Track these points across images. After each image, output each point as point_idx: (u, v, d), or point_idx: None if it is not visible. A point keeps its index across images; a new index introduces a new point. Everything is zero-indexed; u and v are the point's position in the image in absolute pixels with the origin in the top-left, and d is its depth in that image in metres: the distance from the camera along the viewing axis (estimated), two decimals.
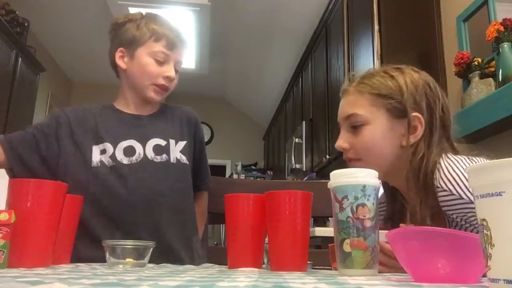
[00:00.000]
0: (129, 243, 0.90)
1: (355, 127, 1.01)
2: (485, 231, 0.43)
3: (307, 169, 3.95)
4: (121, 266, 0.86)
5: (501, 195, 0.41)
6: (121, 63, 1.27)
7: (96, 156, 1.20)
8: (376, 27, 2.58)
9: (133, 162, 1.21)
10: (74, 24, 4.77)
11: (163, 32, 1.25)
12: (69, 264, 0.90)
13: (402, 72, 1.01)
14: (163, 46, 1.25)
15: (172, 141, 1.26)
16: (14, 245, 0.71)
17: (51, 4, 4.41)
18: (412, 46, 2.59)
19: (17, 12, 4.10)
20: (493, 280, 0.42)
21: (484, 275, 0.50)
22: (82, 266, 0.86)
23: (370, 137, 0.99)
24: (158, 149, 1.24)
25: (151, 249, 0.91)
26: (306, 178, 4.02)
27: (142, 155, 1.22)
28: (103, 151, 1.21)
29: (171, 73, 1.25)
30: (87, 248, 1.09)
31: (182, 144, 1.28)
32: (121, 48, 1.27)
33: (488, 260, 0.42)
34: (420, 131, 0.97)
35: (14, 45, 3.95)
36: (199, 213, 1.37)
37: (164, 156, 1.24)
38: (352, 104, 1.02)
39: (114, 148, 1.21)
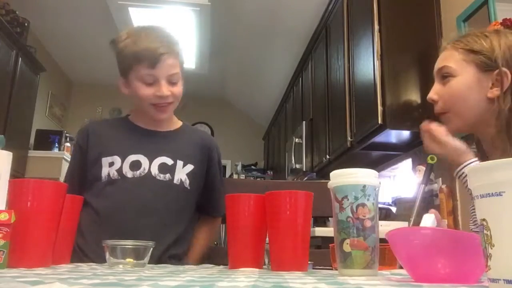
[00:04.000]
0: (129, 243, 0.91)
1: (445, 80, 1.09)
2: (485, 231, 0.42)
3: (307, 169, 3.95)
4: (121, 266, 0.86)
5: (501, 195, 0.41)
6: (124, 91, 1.28)
7: (105, 170, 1.22)
8: (376, 27, 2.58)
9: (135, 176, 1.22)
10: (74, 24, 4.76)
11: (142, 51, 1.19)
12: (69, 264, 0.90)
13: (498, 33, 1.08)
14: (146, 67, 1.20)
15: (179, 162, 1.26)
16: (14, 245, 0.71)
17: (51, 4, 4.41)
18: (412, 46, 2.59)
19: (17, 12, 4.10)
20: (493, 280, 0.42)
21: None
22: (82, 266, 0.86)
23: (456, 86, 1.07)
24: (163, 168, 1.24)
25: (151, 249, 0.91)
26: (306, 178, 4.02)
27: (146, 170, 1.23)
28: (111, 164, 1.22)
29: (162, 91, 1.21)
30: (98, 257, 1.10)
31: (190, 167, 1.28)
32: (121, 77, 1.27)
33: (488, 260, 0.42)
34: (506, 84, 1.02)
35: (14, 45, 3.95)
36: (204, 237, 1.37)
37: (168, 175, 1.24)
38: (445, 58, 1.10)
39: (122, 161, 1.22)
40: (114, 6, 3.94)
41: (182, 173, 1.26)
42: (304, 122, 4.05)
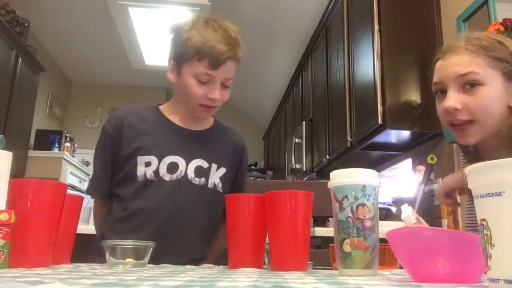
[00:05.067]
0: (129, 243, 0.91)
1: (469, 87, 0.99)
2: (485, 231, 0.42)
3: (307, 169, 3.95)
4: (121, 266, 0.86)
5: (501, 195, 0.41)
6: (170, 76, 1.22)
7: (140, 169, 1.18)
8: (376, 27, 2.58)
9: (173, 179, 1.19)
10: (74, 24, 4.76)
11: (206, 49, 1.13)
12: (69, 264, 0.90)
13: (505, 39, 1.03)
14: (205, 67, 1.14)
15: (214, 166, 1.23)
16: (14, 245, 0.71)
17: (51, 4, 4.41)
18: (412, 46, 2.59)
19: (17, 12, 4.10)
20: (493, 280, 0.42)
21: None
22: (82, 266, 0.86)
23: (488, 97, 0.98)
24: (199, 171, 1.21)
25: (151, 249, 0.91)
26: (306, 178, 4.02)
27: (183, 173, 1.20)
28: (148, 164, 1.18)
29: (215, 94, 1.17)
30: None
31: (222, 170, 1.25)
32: (172, 61, 1.22)
33: (488, 260, 0.42)
34: None
35: (14, 45, 3.95)
36: (223, 242, 1.30)
37: (203, 179, 1.21)
38: (466, 63, 1.00)
39: (159, 162, 1.19)
40: (114, 6, 3.93)
41: (216, 176, 1.24)
42: (304, 122, 4.05)
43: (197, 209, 1.20)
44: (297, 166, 4.12)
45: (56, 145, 4.91)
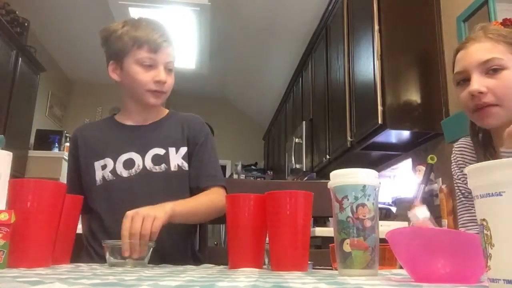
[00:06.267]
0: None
1: (493, 72, 1.03)
2: (485, 231, 0.42)
3: (307, 169, 3.95)
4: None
5: (501, 195, 0.41)
6: (114, 76, 1.29)
7: (98, 173, 1.23)
8: (376, 27, 2.58)
9: (132, 174, 1.22)
10: (74, 24, 4.76)
11: (144, 36, 1.22)
12: (69, 264, 0.90)
13: None
14: (146, 51, 1.22)
15: (172, 149, 1.26)
16: (14, 245, 0.71)
17: (51, 4, 4.41)
18: (412, 46, 2.59)
19: (17, 12, 4.10)
20: (493, 280, 0.42)
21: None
22: (82, 266, 0.86)
23: (510, 79, 1.03)
24: (157, 159, 1.24)
25: (151, 249, 0.91)
26: (306, 178, 4.02)
27: (141, 166, 1.23)
28: (104, 167, 1.24)
29: (161, 76, 1.23)
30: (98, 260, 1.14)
31: (184, 150, 1.28)
32: (112, 61, 1.28)
33: (488, 260, 0.42)
34: None
35: (14, 45, 3.95)
36: (196, 197, 1.24)
37: (163, 166, 1.24)
38: (488, 50, 1.05)
39: (115, 162, 1.23)
40: (115, 6, 3.93)
41: (178, 158, 1.26)
42: (304, 122, 4.05)
43: (164, 195, 1.17)
44: (297, 166, 4.12)
45: (56, 145, 4.90)
